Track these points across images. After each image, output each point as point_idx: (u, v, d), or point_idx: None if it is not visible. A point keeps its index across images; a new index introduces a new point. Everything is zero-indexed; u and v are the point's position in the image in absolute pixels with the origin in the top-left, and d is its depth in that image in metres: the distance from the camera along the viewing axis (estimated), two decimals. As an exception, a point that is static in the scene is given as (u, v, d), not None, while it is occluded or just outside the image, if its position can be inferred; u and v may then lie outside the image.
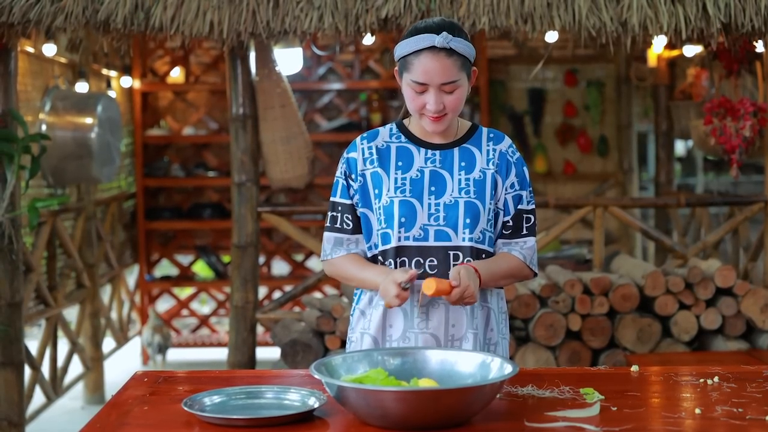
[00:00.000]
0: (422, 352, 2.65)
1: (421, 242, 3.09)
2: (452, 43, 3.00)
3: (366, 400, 2.29)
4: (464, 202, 3.10)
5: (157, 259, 9.38)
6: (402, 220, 3.09)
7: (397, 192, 3.12)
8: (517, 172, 3.19)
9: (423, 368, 2.59)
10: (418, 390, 2.28)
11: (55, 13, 4.95)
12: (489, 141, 3.19)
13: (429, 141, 3.16)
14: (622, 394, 2.58)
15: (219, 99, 9.15)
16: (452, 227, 3.09)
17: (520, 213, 3.19)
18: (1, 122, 5.32)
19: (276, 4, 4.95)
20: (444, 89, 3.02)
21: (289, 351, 4.97)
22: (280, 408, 2.50)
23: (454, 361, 2.60)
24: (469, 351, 2.66)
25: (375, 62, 9.15)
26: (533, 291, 5.18)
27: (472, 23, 4.91)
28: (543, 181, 9.26)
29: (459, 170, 3.14)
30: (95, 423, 2.47)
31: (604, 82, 9.25)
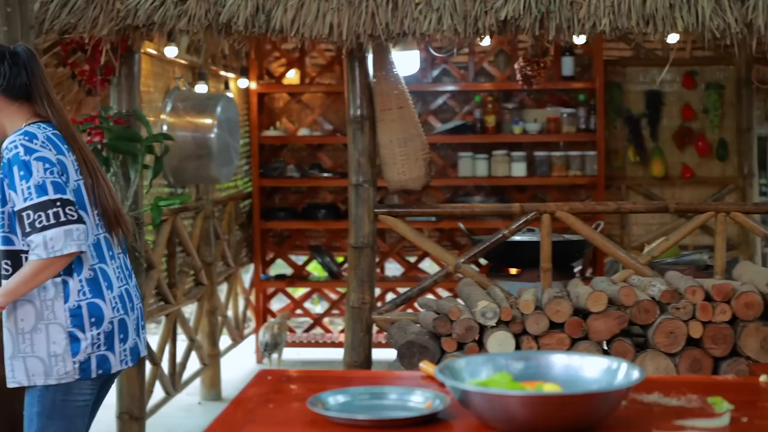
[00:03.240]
0: (546, 356, 2.63)
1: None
2: None
3: (491, 403, 2.28)
4: None
5: (272, 259, 9.48)
6: None
7: None
8: (5, 171, 3.41)
9: (547, 372, 2.56)
10: (544, 395, 2.26)
11: (179, 15, 5.04)
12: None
13: None
14: (753, 405, 2.53)
15: (334, 100, 9.21)
16: None
17: (19, 212, 3.39)
18: (126, 122, 5.43)
19: (395, 6, 4.96)
20: None
21: (406, 352, 4.97)
22: (404, 409, 2.50)
23: (578, 366, 2.57)
24: (596, 356, 2.63)
25: (489, 64, 9.12)
26: (653, 297, 5.10)
27: (593, 25, 4.86)
28: (660, 185, 9.13)
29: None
30: (222, 420, 2.50)
31: (724, 85, 9.08)
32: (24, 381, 3.51)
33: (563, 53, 8.68)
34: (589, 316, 5.01)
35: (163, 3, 5.04)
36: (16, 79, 3.50)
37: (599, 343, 5.05)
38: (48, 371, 3.48)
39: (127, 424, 5.72)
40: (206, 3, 5.01)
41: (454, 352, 4.99)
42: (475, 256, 5.75)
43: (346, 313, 5.69)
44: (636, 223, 9.07)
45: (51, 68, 6.19)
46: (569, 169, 8.81)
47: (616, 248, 5.67)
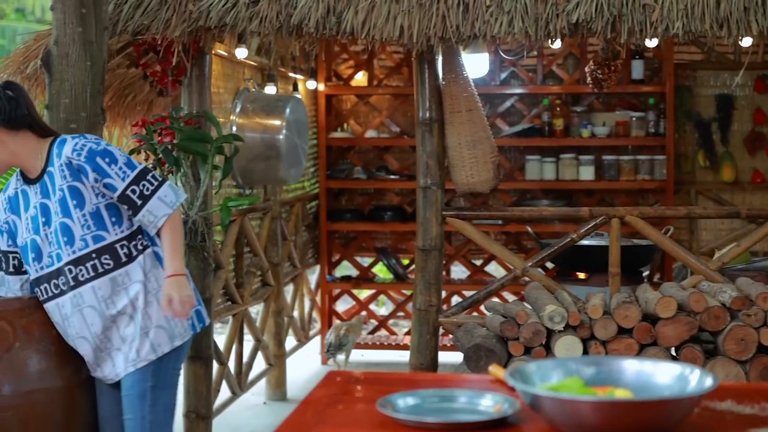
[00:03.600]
0: (617, 361, 2.61)
1: (51, 268, 3.75)
2: None
3: (562, 408, 2.27)
4: (59, 224, 3.70)
5: (337, 260, 9.51)
6: (33, 256, 3.75)
7: (26, 232, 3.76)
8: (93, 167, 3.65)
9: (618, 378, 2.54)
10: (615, 400, 2.24)
11: (250, 17, 5.07)
12: (57, 157, 3.68)
13: (31, 177, 3.77)
14: (828, 414, 2.49)
15: (401, 102, 9.22)
16: (60, 248, 3.71)
17: (123, 194, 3.68)
18: (196, 123, 5.48)
19: (466, 8, 4.96)
20: None
21: (472, 356, 4.96)
22: (473, 413, 2.49)
23: (650, 371, 2.54)
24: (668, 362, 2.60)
25: (558, 67, 9.07)
26: (723, 303, 5.05)
27: (665, 28, 4.82)
28: (730, 190, 9.02)
29: (53, 194, 3.70)
30: (292, 421, 2.51)
31: (797, 89, 8.96)
32: (152, 356, 3.79)
33: (633, 56, 8.61)
34: (658, 321, 4.97)
35: (235, 5, 5.07)
36: (16, 111, 3.75)
37: (668, 349, 5.00)
38: (171, 335, 3.81)
39: (193, 422, 5.76)
40: (278, 5, 5.04)
41: (521, 356, 4.98)
42: (543, 259, 5.73)
43: (413, 316, 5.70)
44: (705, 229, 8.97)
45: (123, 69, 6.27)
46: (638, 173, 8.74)
47: (687, 254, 5.62)
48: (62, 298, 3.76)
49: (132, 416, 3.85)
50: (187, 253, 5.50)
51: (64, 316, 3.78)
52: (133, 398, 3.83)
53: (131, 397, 3.83)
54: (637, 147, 8.86)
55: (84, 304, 3.73)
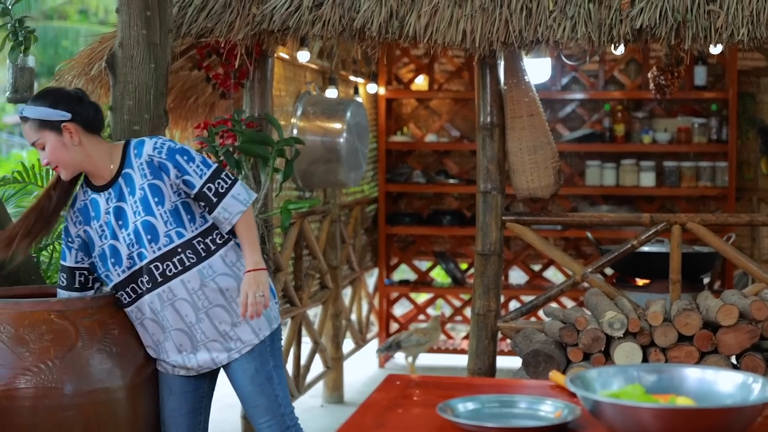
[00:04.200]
0: (679, 369, 2.59)
1: (133, 269, 3.82)
2: (25, 112, 3.77)
3: (623, 415, 2.26)
4: (141, 223, 3.77)
5: (396, 264, 9.53)
6: (113, 260, 3.83)
7: (102, 239, 3.85)
8: (174, 164, 3.77)
9: (680, 386, 2.53)
10: (677, 408, 2.23)
11: (313, 21, 5.10)
12: (136, 157, 3.80)
13: (98, 185, 3.86)
14: None
15: (461, 107, 9.22)
16: (144, 247, 3.78)
17: (201, 191, 3.79)
18: (257, 126, 5.52)
19: (529, 13, 4.95)
20: (38, 147, 3.79)
21: (531, 361, 4.95)
22: (533, 419, 2.50)
23: (712, 380, 2.53)
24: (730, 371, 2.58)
25: (620, 72, 9.03)
26: (786, 311, 5.00)
27: (730, 34, 4.78)
28: (789, 196, 8.92)
29: (129, 196, 3.80)
30: (351, 424, 2.52)
31: None
32: (255, 340, 3.93)
33: (696, 62, 8.55)
34: (719, 329, 4.93)
35: (298, 8, 5.11)
36: (96, 115, 3.94)
37: (729, 357, 4.96)
38: (269, 318, 3.95)
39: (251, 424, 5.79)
40: (341, 9, 5.07)
41: (580, 362, 4.96)
42: (602, 265, 5.70)
43: (471, 320, 5.69)
44: (767, 236, 8.88)
45: (186, 71, 6.33)
46: (699, 180, 8.68)
47: (749, 261, 5.57)
48: (150, 296, 3.84)
49: (265, 400, 4.01)
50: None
51: (156, 311, 3.86)
52: (261, 383, 3.98)
53: (258, 383, 3.98)
54: (698, 153, 8.79)
55: (175, 298, 3.83)
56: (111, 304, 4.02)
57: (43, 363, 3.80)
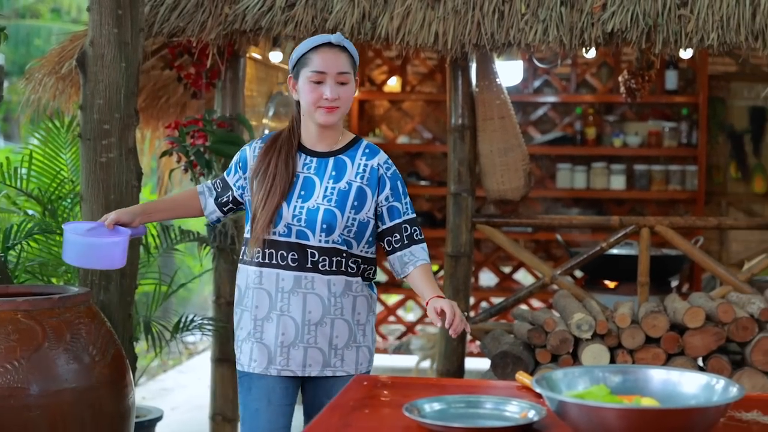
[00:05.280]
0: (644, 370, 2.61)
1: (285, 238, 3.55)
2: (344, 42, 3.52)
3: (588, 416, 2.27)
4: (324, 210, 3.52)
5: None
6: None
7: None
8: (392, 185, 3.60)
9: (645, 387, 2.55)
10: (641, 408, 2.25)
11: (285, 21, 5.11)
12: (363, 155, 3.60)
13: (311, 149, 3.61)
14: None
15: (434, 109, 9.23)
16: (311, 230, 3.53)
17: (400, 224, 3.60)
18: (229, 126, 5.51)
19: (501, 16, 4.97)
20: (339, 80, 3.47)
21: (499, 362, 4.97)
22: (499, 419, 2.51)
23: (677, 381, 2.55)
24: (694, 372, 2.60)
25: (592, 76, 9.07)
26: (752, 314, 5.04)
27: (700, 39, 4.82)
28: (761, 201, 8.98)
29: (328, 178, 3.57)
30: (318, 424, 2.52)
31: (831, 102, 8.92)
32: (352, 370, 3.70)
33: (667, 67, 8.59)
34: (686, 331, 4.97)
35: (271, 8, 5.11)
36: None
37: (695, 359, 5.00)
38: (370, 361, 3.75)
39: (220, 425, 5.80)
40: (313, 9, 5.07)
41: (548, 364, 4.98)
42: (572, 268, 5.73)
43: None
44: (735, 240, 8.93)
45: (157, 71, 6.32)
46: (669, 183, 8.73)
47: (716, 264, 5.61)
48: (287, 273, 3.57)
49: None
50: (216, 256, 5.54)
51: (280, 290, 3.58)
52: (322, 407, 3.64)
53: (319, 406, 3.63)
54: (668, 157, 8.84)
55: (312, 290, 3.57)
56: (78, 304, 4.00)
57: (9, 363, 3.79)
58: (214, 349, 5.80)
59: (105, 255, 3.59)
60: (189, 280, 6.14)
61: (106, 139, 4.55)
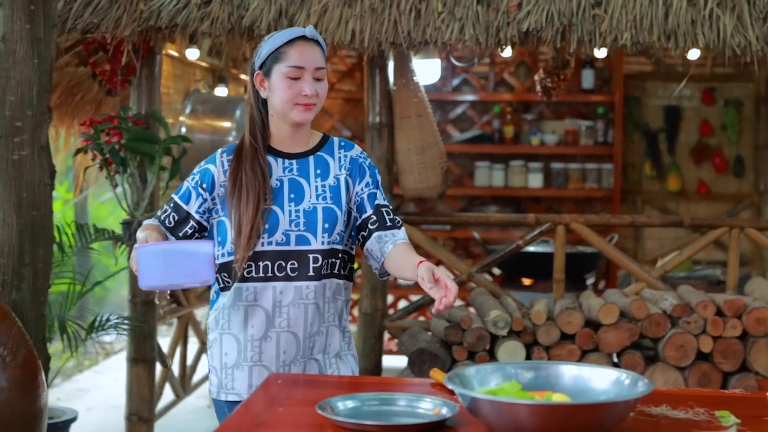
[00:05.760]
0: (555, 366, 2.64)
1: (283, 246, 3.28)
2: (317, 36, 3.31)
3: (499, 412, 2.29)
4: (322, 208, 3.32)
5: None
6: (266, 227, 3.27)
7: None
8: (371, 173, 3.41)
9: (556, 383, 2.58)
10: (553, 404, 2.27)
11: (202, 18, 5.07)
12: (341, 149, 3.41)
13: (286, 151, 3.36)
14: (759, 419, 2.53)
15: (353, 107, 9.23)
16: (312, 232, 3.29)
17: (379, 207, 3.37)
18: (144, 123, 5.46)
19: (418, 14, 4.98)
20: (315, 75, 3.25)
21: (416, 360, 4.98)
22: (412, 416, 2.51)
23: (588, 376, 2.58)
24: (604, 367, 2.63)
25: (509, 74, 9.13)
26: (664, 310, 5.11)
27: (614, 38, 4.87)
28: (675, 200, 9.13)
29: (315, 177, 3.36)
30: (230, 423, 2.51)
31: (743, 102, 9.07)
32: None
33: (584, 66, 8.69)
34: (601, 328, 5.02)
35: (187, 5, 5.06)
36: None
37: (609, 355, 5.06)
38: (354, 369, 3.45)
39: (135, 425, 5.74)
40: (229, 6, 5.04)
41: (464, 361, 5.01)
42: (488, 265, 5.76)
43: (358, 320, 5.71)
44: (650, 237, 9.07)
45: (71, 67, 6.24)
46: (585, 181, 8.82)
47: (629, 261, 5.68)
48: (285, 284, 3.28)
49: None
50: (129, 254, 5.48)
51: (278, 304, 3.28)
52: None
53: None
54: (585, 155, 8.94)
55: (310, 301, 3.30)
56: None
57: None
58: (130, 349, 5.74)
59: (194, 262, 3.05)
60: (103, 279, 6.06)
61: (19, 136, 4.48)
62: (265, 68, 3.30)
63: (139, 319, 5.57)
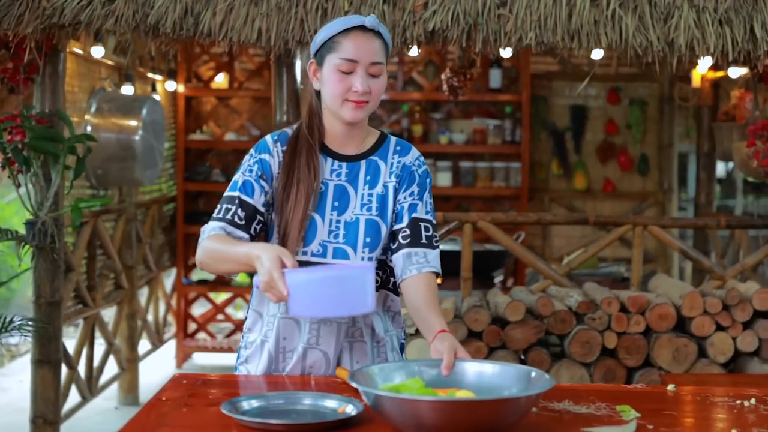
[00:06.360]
0: (459, 363, 2.66)
1: (318, 258, 3.02)
2: (380, 27, 3.01)
3: (402, 409, 2.30)
4: (365, 220, 3.05)
5: (194, 263, 9.43)
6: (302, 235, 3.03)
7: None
8: (420, 182, 3.12)
9: (461, 380, 2.60)
10: (453, 400, 2.29)
11: (106, 15, 5.00)
12: (395, 153, 3.14)
13: (337, 151, 3.10)
14: (659, 413, 2.58)
15: (262, 106, 9.20)
16: (352, 246, 3.04)
17: (416, 221, 3.07)
18: (48, 122, 5.38)
19: (324, 13, 4.97)
20: (371, 71, 2.96)
21: (325, 359, 4.99)
22: (317, 415, 2.51)
23: (491, 373, 2.61)
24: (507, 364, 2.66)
25: (418, 74, 9.17)
26: (570, 307, 5.18)
27: (519, 38, 4.92)
28: (582, 198, 9.26)
29: (363, 185, 3.09)
30: (134, 423, 2.49)
31: (647, 101, 9.23)
32: None
33: (491, 65, 8.76)
34: (508, 325, 5.07)
35: (90, 2, 4.99)
36: None
37: (516, 352, 5.11)
38: None
39: (41, 428, 5.65)
40: (134, 4, 4.98)
41: (373, 359, 5.02)
42: (397, 264, 5.77)
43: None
44: (557, 235, 9.18)
45: (-26, 65, 6.12)
46: (494, 180, 8.90)
47: (536, 259, 5.74)
48: None
49: None
50: (35, 255, 5.41)
51: (309, 319, 3.08)
52: None
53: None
54: (493, 154, 9.02)
55: (344, 320, 3.09)
56: None
57: None
58: (35, 351, 5.64)
59: (358, 289, 2.70)
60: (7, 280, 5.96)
61: None
62: (318, 57, 3.04)
63: (44, 321, 5.49)
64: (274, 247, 2.74)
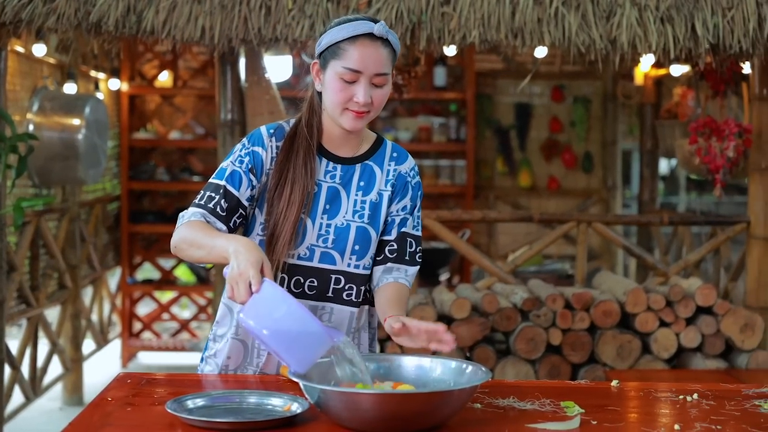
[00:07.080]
0: (399, 358, 2.69)
1: (305, 262, 2.96)
2: (389, 34, 2.90)
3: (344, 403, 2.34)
4: (356, 227, 2.98)
5: (139, 263, 9.38)
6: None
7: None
8: (412, 195, 3.08)
9: (400, 374, 2.65)
10: (392, 392, 2.33)
11: (47, 13, 4.95)
12: (392, 160, 3.07)
13: (333, 152, 3.02)
14: (602, 409, 2.60)
15: (206, 104, 9.16)
16: (340, 252, 2.97)
17: (405, 236, 3.05)
18: (-11, 121, 5.33)
19: (268, 11, 4.97)
20: (375, 81, 2.87)
21: (271, 357, 4.98)
22: (262, 413, 2.51)
23: (429, 367, 2.65)
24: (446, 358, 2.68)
25: (363, 72, 9.16)
26: (515, 304, 5.20)
27: (463, 36, 4.94)
28: (527, 195, 9.30)
29: (357, 190, 3.02)
30: (78, 423, 2.47)
31: (591, 99, 9.30)
32: None
33: (436, 63, 8.78)
34: (453, 322, 5.09)
35: (32, 0, 4.95)
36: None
37: (462, 349, 5.13)
38: None
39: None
40: (76, 2, 4.94)
41: (320, 358, 5.01)
42: (342, 262, 5.77)
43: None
44: (503, 233, 9.22)
45: None
46: (439, 178, 8.93)
47: (481, 256, 5.76)
48: (310, 304, 3.00)
49: None
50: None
51: None
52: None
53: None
54: (438, 152, 9.04)
55: (328, 323, 3.02)
56: None
57: None
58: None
59: (311, 348, 2.55)
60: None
61: None
62: (322, 59, 2.95)
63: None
64: (260, 251, 2.64)
